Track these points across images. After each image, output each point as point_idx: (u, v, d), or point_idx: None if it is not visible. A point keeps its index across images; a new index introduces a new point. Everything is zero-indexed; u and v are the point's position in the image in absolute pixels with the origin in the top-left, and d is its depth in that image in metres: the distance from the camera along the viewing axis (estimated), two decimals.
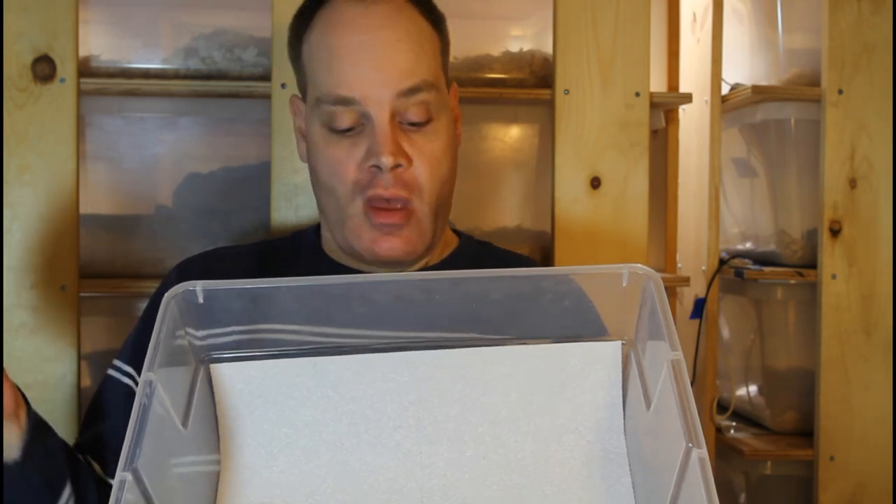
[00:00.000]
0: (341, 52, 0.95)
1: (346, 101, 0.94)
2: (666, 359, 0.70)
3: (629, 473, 0.78)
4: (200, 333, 0.79)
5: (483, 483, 0.77)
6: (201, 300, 0.77)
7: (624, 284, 0.77)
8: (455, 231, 1.13)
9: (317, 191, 1.01)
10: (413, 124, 0.94)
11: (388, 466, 0.78)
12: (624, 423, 0.79)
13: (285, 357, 0.80)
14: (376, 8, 0.95)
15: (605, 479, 0.77)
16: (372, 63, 0.93)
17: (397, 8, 0.96)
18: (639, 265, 0.76)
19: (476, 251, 1.10)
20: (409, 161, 0.94)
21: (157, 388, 0.71)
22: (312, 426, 0.79)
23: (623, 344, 0.80)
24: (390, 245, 0.95)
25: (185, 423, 0.75)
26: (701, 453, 0.64)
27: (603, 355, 0.80)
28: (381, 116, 0.93)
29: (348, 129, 0.95)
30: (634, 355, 0.79)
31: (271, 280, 0.78)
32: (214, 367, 0.80)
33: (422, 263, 1.03)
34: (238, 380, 0.79)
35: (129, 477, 0.66)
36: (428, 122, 0.95)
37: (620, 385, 0.80)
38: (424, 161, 0.94)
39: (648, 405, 0.75)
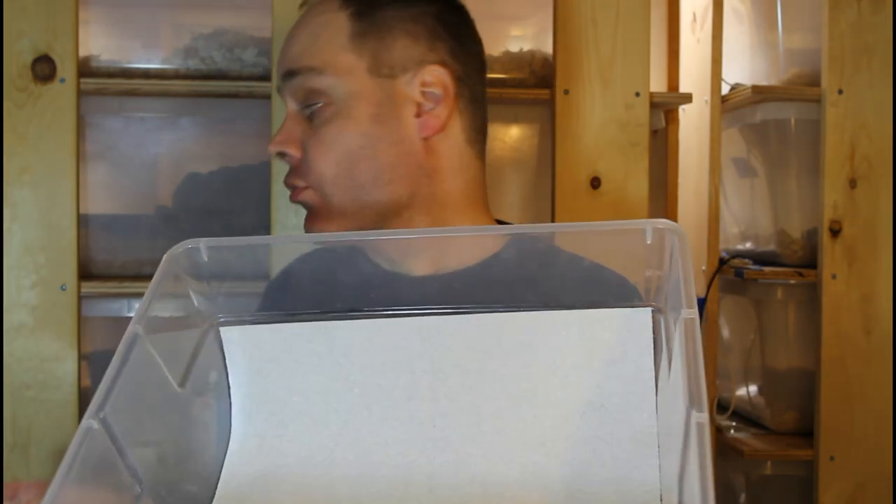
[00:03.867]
0: None
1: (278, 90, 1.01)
2: (680, 318, 0.64)
3: (657, 454, 0.71)
4: (207, 293, 0.76)
5: (497, 461, 0.73)
6: (206, 258, 0.75)
7: (648, 242, 0.70)
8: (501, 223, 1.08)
9: None
10: (313, 109, 0.96)
11: (398, 440, 0.74)
12: (656, 399, 0.73)
13: (295, 321, 0.77)
14: (307, 9, 1.01)
15: (629, 461, 0.72)
16: (280, 54, 1.00)
17: (320, 5, 0.99)
18: (662, 220, 0.70)
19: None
20: (298, 149, 0.96)
21: (144, 342, 0.68)
22: (323, 395, 0.76)
23: (653, 311, 0.72)
24: (310, 225, 0.96)
25: (182, 384, 0.73)
26: (699, 417, 0.58)
27: (631, 323, 0.73)
28: (286, 104, 0.99)
29: None
30: (664, 322, 0.71)
31: (280, 237, 0.76)
32: (224, 330, 0.77)
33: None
34: (249, 343, 0.77)
35: (94, 424, 0.63)
36: (322, 106, 0.96)
37: (651, 356, 0.72)
38: (314, 144, 0.95)
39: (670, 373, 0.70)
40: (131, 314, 1.55)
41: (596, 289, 0.74)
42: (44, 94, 1.41)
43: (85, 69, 1.48)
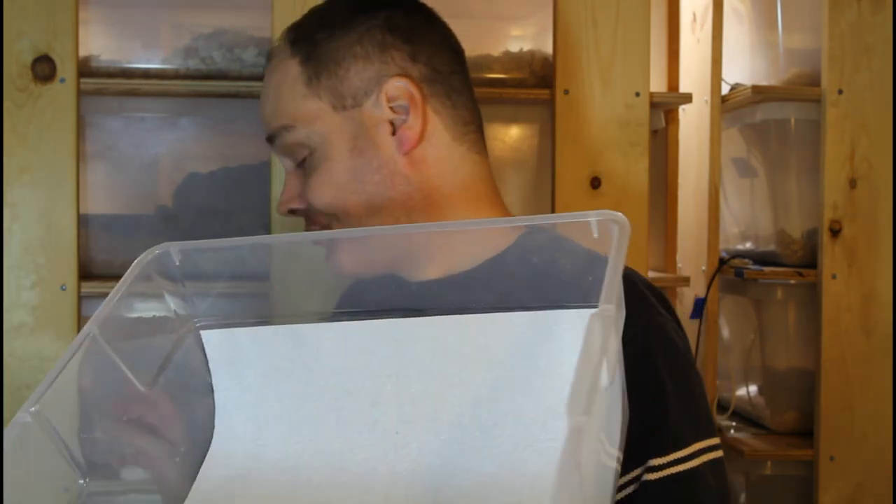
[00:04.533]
0: None
1: None
2: (596, 312, 0.59)
3: (616, 466, 0.66)
4: (183, 296, 0.77)
5: (453, 471, 0.71)
6: (177, 262, 0.75)
7: (595, 236, 0.66)
8: None
9: None
10: (299, 163, 0.98)
11: (362, 447, 0.73)
12: (622, 406, 0.67)
13: (268, 324, 0.77)
14: (268, 66, 1.01)
15: (588, 472, 0.66)
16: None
17: (275, 59, 0.99)
18: (607, 211, 0.65)
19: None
20: (303, 202, 0.97)
21: (99, 342, 0.69)
22: (296, 400, 0.76)
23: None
24: (331, 260, 0.95)
25: (150, 385, 0.74)
26: (574, 421, 0.53)
27: (591, 324, 0.67)
28: (283, 164, 1.01)
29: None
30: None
31: (253, 238, 0.77)
32: (205, 334, 0.77)
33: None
34: (228, 346, 0.77)
35: (27, 419, 0.64)
36: (307, 156, 0.97)
37: (616, 358, 0.66)
38: (311, 192, 0.96)
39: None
40: (131, 314, 1.55)
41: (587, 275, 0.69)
42: (44, 94, 1.41)
43: (85, 69, 1.48)
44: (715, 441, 0.86)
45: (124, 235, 1.56)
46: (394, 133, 0.94)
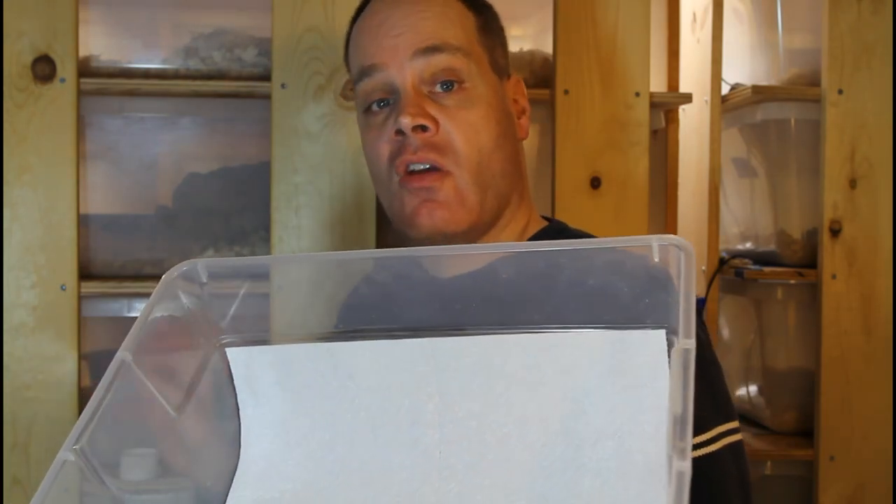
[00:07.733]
0: (367, 30, 0.96)
1: (369, 71, 0.94)
2: (677, 348, 0.59)
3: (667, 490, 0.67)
4: (209, 314, 0.75)
5: (503, 491, 0.70)
6: (204, 279, 0.73)
7: (656, 259, 0.66)
8: (547, 219, 1.06)
9: (373, 184, 1.00)
10: (444, 88, 0.92)
11: (403, 466, 0.72)
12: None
13: (301, 342, 0.76)
14: None
15: (640, 495, 0.67)
16: (392, 31, 0.93)
17: None
18: (670, 236, 0.66)
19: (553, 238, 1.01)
20: (436, 124, 0.90)
21: (132, 369, 0.67)
22: (329, 418, 0.74)
23: (668, 332, 0.67)
24: (429, 212, 0.91)
25: (180, 409, 0.73)
26: (680, 466, 0.53)
27: (645, 346, 0.67)
28: (402, 80, 0.92)
29: (380, 106, 0.94)
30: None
31: (282, 257, 0.75)
32: (231, 352, 0.76)
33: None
34: (255, 365, 0.76)
35: (70, 457, 0.62)
36: (458, 85, 0.92)
37: (667, 382, 0.67)
38: (456, 125, 0.91)
39: None
40: (131, 314, 1.55)
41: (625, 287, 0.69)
42: (44, 94, 1.41)
43: (85, 69, 1.48)
44: (734, 424, 0.86)
45: (124, 235, 1.57)
46: (518, 118, 1.00)
